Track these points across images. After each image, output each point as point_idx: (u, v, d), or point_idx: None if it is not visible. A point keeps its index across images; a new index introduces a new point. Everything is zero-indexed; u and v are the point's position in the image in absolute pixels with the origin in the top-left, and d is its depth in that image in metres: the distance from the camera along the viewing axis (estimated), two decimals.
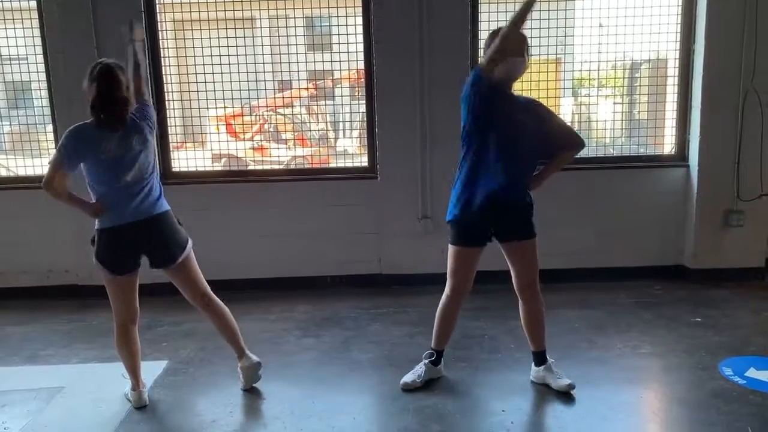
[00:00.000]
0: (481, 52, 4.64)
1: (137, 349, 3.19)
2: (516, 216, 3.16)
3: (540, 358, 3.33)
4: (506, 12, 4.71)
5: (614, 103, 5.73)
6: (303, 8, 4.96)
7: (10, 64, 5.12)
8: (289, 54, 4.82)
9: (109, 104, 2.87)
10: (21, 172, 5.06)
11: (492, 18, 4.71)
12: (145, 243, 3.03)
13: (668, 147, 5.07)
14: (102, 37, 4.60)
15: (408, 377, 3.34)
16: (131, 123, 2.96)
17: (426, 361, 3.39)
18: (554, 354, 3.41)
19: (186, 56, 4.98)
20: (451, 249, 3.21)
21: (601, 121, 5.75)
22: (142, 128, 3.00)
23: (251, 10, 5.09)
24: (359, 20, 4.77)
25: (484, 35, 4.67)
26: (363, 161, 5.06)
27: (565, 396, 3.18)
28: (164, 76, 4.81)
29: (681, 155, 4.97)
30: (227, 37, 4.80)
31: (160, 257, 3.08)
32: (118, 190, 2.95)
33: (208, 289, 3.27)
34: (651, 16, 4.80)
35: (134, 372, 3.19)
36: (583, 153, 5.00)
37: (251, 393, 3.30)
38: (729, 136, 4.76)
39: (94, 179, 2.97)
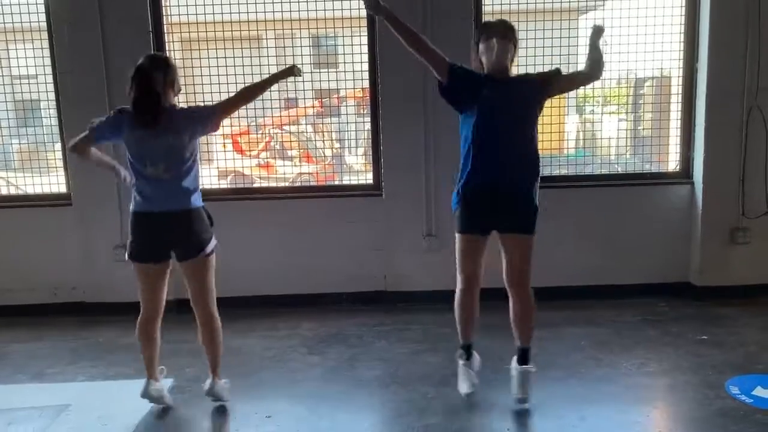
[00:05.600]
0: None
1: (155, 343, 3.21)
2: (516, 207, 3.14)
3: (524, 356, 3.25)
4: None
5: (618, 121, 5.75)
6: (309, 28, 5.02)
7: (20, 83, 5.19)
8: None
9: (142, 100, 2.95)
10: (30, 190, 5.09)
11: None
12: (171, 235, 3.06)
13: (672, 164, 5.08)
14: (111, 57, 4.65)
15: (466, 388, 3.28)
16: (168, 121, 2.99)
17: (462, 362, 3.35)
18: (559, 373, 3.40)
19: (193, 75, 5.02)
20: (456, 239, 3.23)
21: (605, 138, 5.77)
22: (178, 128, 3.01)
23: (257, 30, 5.15)
24: (364, 39, 4.82)
25: None
26: (368, 178, 5.09)
27: (574, 414, 3.16)
28: None
29: (685, 172, 4.96)
30: (234, 57, 4.85)
31: (181, 250, 3.10)
32: (147, 180, 3.00)
33: (213, 306, 3.23)
34: (654, 34, 4.82)
35: (150, 363, 3.20)
36: (588, 170, 5.08)
37: (257, 411, 3.29)
38: (733, 153, 4.76)
39: (128, 164, 3.05)
